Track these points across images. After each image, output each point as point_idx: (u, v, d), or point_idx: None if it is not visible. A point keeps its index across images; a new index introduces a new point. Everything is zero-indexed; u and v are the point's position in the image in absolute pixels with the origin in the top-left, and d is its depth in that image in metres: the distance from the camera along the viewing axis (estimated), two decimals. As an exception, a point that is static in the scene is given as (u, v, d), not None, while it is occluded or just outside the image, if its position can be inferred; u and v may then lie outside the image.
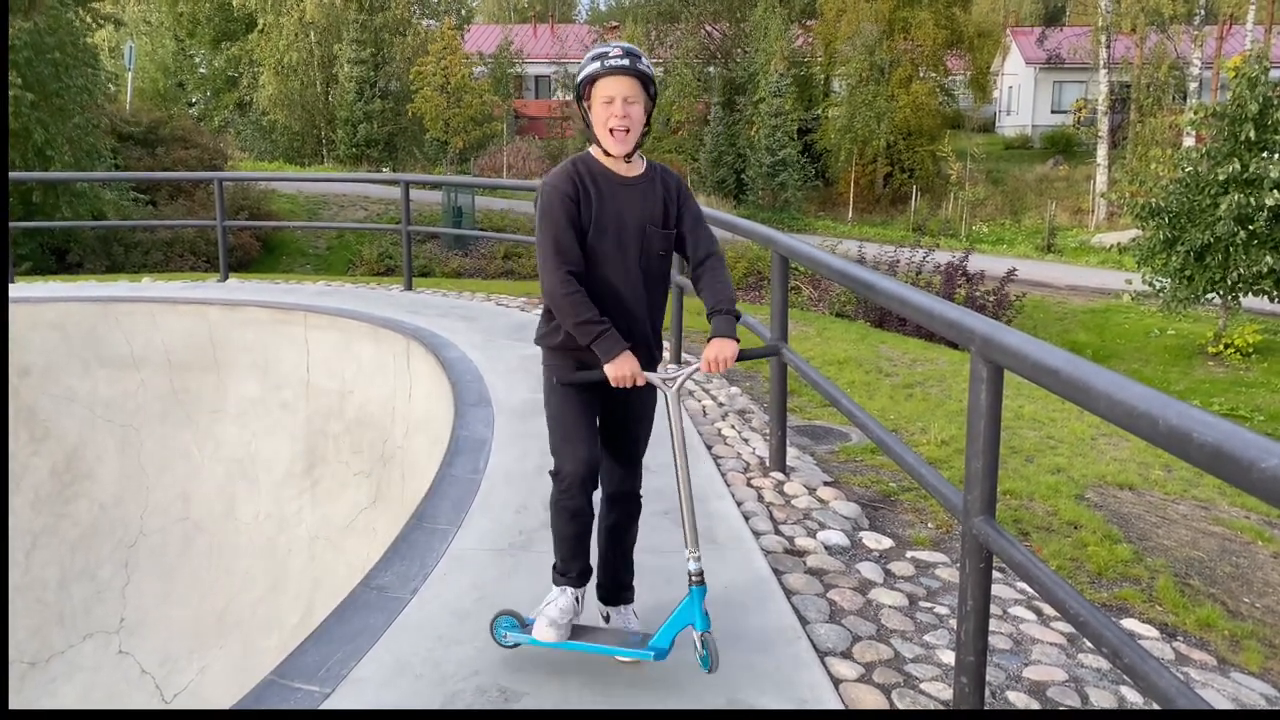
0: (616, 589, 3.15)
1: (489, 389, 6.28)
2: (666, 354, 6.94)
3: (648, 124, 2.83)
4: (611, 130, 2.75)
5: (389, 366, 7.70)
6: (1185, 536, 4.67)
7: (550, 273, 2.73)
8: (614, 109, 2.73)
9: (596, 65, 2.71)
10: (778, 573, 3.80)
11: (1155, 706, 2.77)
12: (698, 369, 2.81)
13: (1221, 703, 3.14)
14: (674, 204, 2.93)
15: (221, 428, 8.58)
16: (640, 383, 2.71)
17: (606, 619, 3.12)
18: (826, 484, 4.90)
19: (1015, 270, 15.89)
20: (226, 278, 11.15)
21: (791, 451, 5.35)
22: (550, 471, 2.90)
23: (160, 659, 7.69)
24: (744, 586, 3.64)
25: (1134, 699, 3.12)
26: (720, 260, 2.99)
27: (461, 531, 4.06)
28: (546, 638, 2.87)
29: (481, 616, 3.33)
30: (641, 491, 3.13)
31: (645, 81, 2.74)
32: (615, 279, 2.83)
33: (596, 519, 3.03)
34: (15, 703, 7.50)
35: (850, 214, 31.08)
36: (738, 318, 2.93)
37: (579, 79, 2.77)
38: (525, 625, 2.99)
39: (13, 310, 8.42)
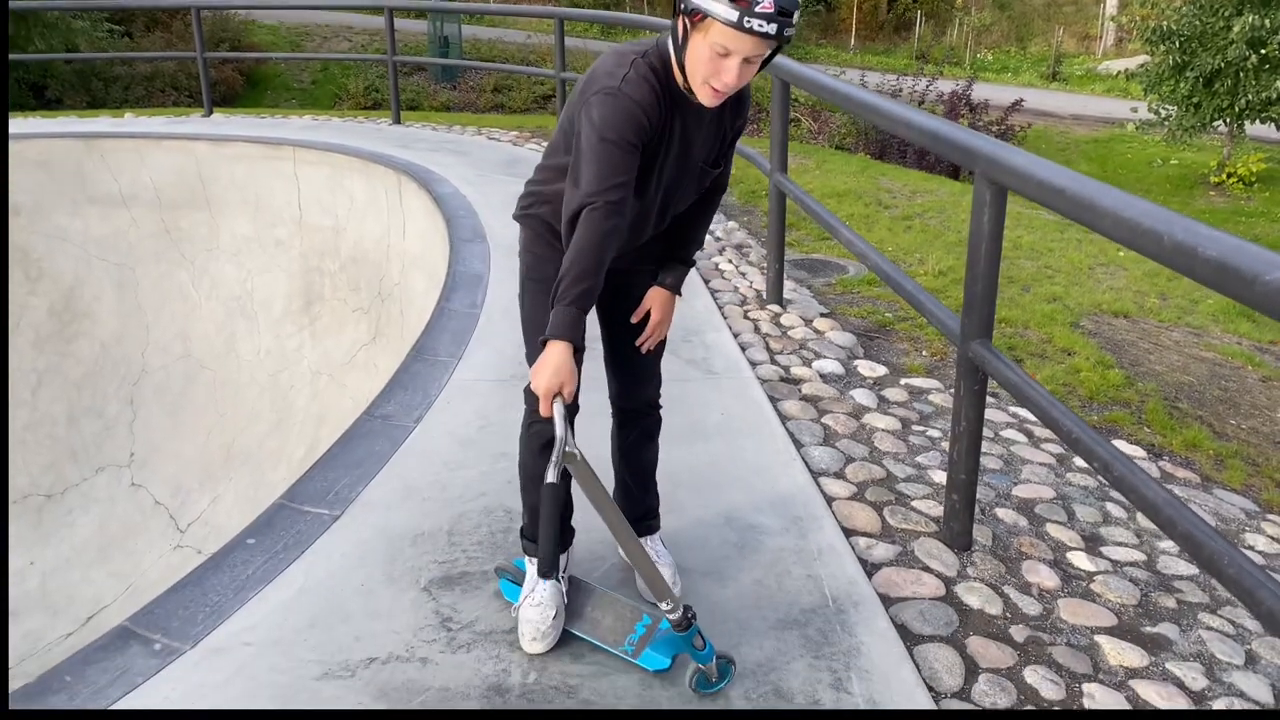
0: (638, 518, 2.65)
1: (483, 224, 6.22)
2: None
3: None
4: (713, 88, 2.00)
5: (381, 202, 7.59)
6: (1177, 362, 4.73)
7: (594, 198, 1.98)
8: (727, 67, 1.95)
9: (729, 12, 1.87)
10: (773, 400, 3.86)
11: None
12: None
13: (1201, 515, 3.26)
14: (732, 130, 2.29)
15: (217, 266, 8.54)
16: (556, 405, 1.97)
17: None
18: (823, 315, 4.92)
19: (1022, 100, 15.49)
20: (211, 112, 10.85)
21: (788, 284, 5.35)
22: (524, 389, 2.31)
23: (172, 490, 7.91)
24: (740, 413, 3.70)
25: (1118, 514, 3.23)
26: (720, 195, 2.45)
27: (462, 363, 4.10)
28: (534, 650, 2.35)
29: (486, 443, 3.40)
30: (662, 402, 2.63)
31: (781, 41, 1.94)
32: (640, 221, 2.25)
33: (610, 439, 2.64)
34: (34, 536, 7.76)
35: (853, 41, 30.07)
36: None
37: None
38: (520, 577, 2.54)
39: (-6, 147, 8.23)
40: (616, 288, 2.42)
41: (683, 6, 1.96)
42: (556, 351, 1.95)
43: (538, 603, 2.39)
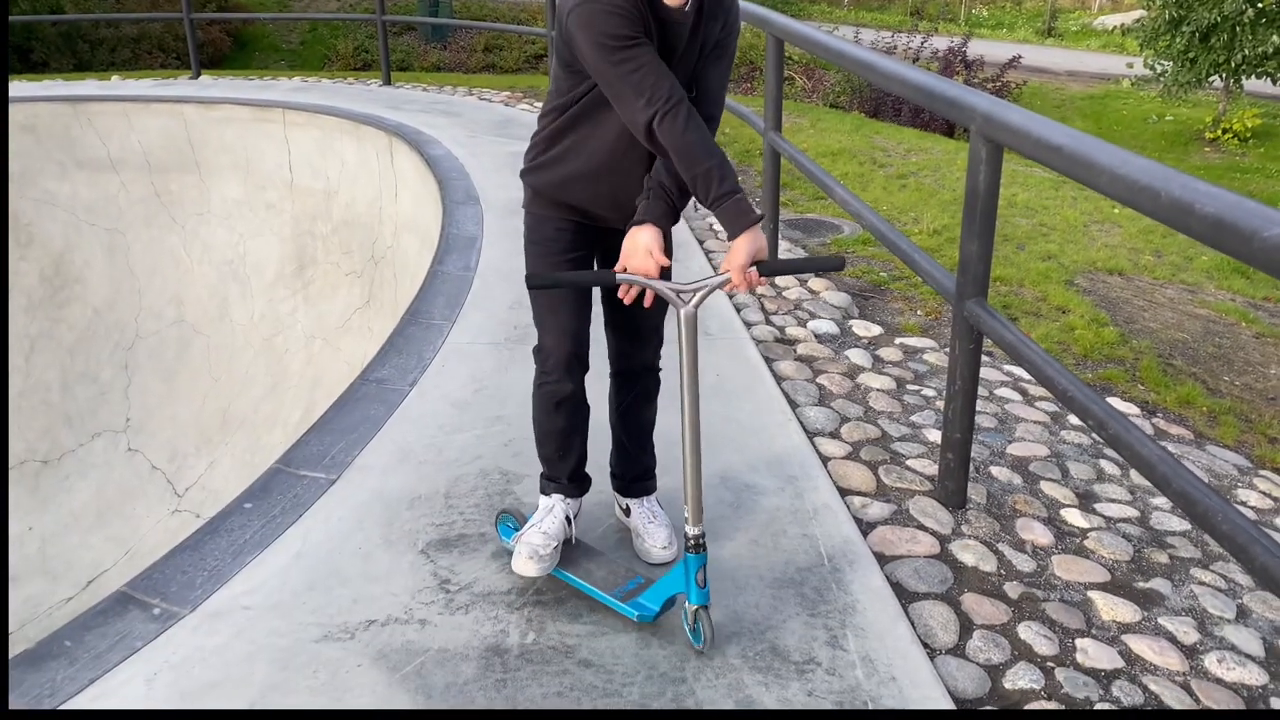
0: (634, 479, 2.63)
1: (476, 186, 6.18)
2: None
3: None
4: None
5: (373, 165, 7.54)
6: (1171, 319, 4.73)
7: (649, 109, 1.97)
8: None
9: None
10: (768, 360, 3.86)
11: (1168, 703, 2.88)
12: (726, 281, 2.09)
13: (1194, 471, 3.28)
14: (708, 43, 2.21)
15: (208, 230, 8.49)
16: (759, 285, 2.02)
17: (626, 511, 2.66)
18: (817, 274, 4.91)
19: (1020, 57, 15.37)
20: (199, 75, 10.73)
21: (783, 244, 5.34)
22: (534, 349, 2.41)
23: (169, 455, 7.92)
24: (735, 374, 3.70)
25: (1111, 471, 3.25)
26: (716, 126, 2.32)
27: (456, 326, 4.09)
28: (526, 571, 2.36)
29: (481, 407, 3.40)
30: (661, 365, 2.60)
31: None
32: (620, 142, 2.21)
33: (608, 400, 2.62)
34: (31, 501, 7.78)
35: (846, -2, 29.73)
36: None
37: None
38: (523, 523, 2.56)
39: (-20, 111, 8.13)
40: (612, 248, 2.40)
41: None
42: (753, 236, 2.07)
43: (544, 530, 2.43)
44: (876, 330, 4.28)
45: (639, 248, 2.14)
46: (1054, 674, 2.28)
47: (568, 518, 2.49)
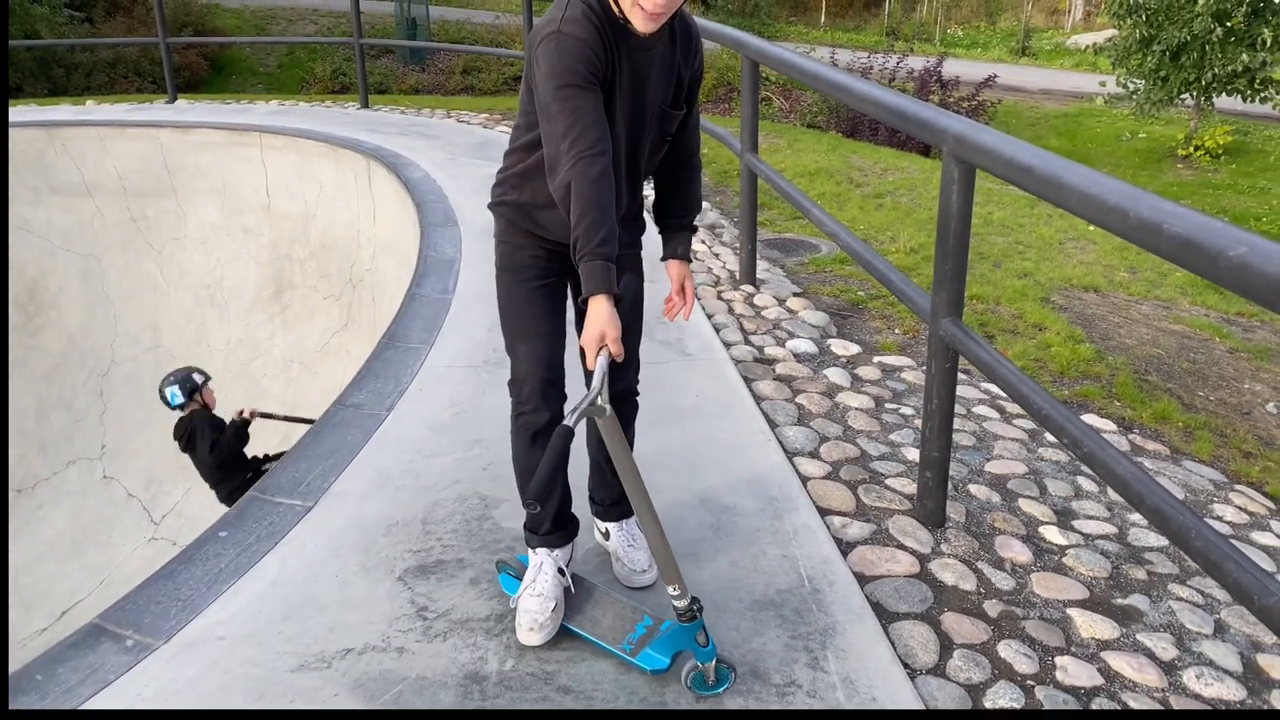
0: (613, 503, 2.61)
1: (454, 209, 6.17)
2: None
3: None
4: (643, 8, 2.00)
5: (351, 188, 7.52)
6: (1146, 335, 4.77)
7: (574, 149, 1.95)
8: None
9: None
10: (747, 380, 3.87)
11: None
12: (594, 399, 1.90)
13: (1170, 487, 3.29)
14: (688, 72, 2.24)
15: (185, 255, 8.44)
16: (601, 357, 1.94)
17: (606, 535, 2.65)
18: (796, 295, 4.93)
19: (995, 76, 15.54)
20: (175, 99, 10.69)
21: (761, 264, 5.35)
22: (508, 382, 2.35)
23: (145, 482, 7.83)
24: (714, 394, 3.70)
25: (1089, 488, 3.26)
26: (700, 170, 2.39)
27: (434, 350, 4.08)
28: (531, 642, 2.31)
29: (459, 431, 3.39)
30: (639, 388, 2.57)
31: None
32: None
33: (585, 429, 2.58)
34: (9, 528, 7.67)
35: (823, 19, 30.02)
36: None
37: None
38: (522, 573, 2.49)
39: (-47, 137, 8.07)
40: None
41: None
42: (598, 306, 1.92)
43: (538, 593, 2.34)
44: (855, 349, 4.29)
45: (591, 322, 1.95)
46: (1034, 692, 2.28)
47: (560, 570, 2.41)
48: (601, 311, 1.92)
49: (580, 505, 2.67)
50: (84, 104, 10.94)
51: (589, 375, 2.26)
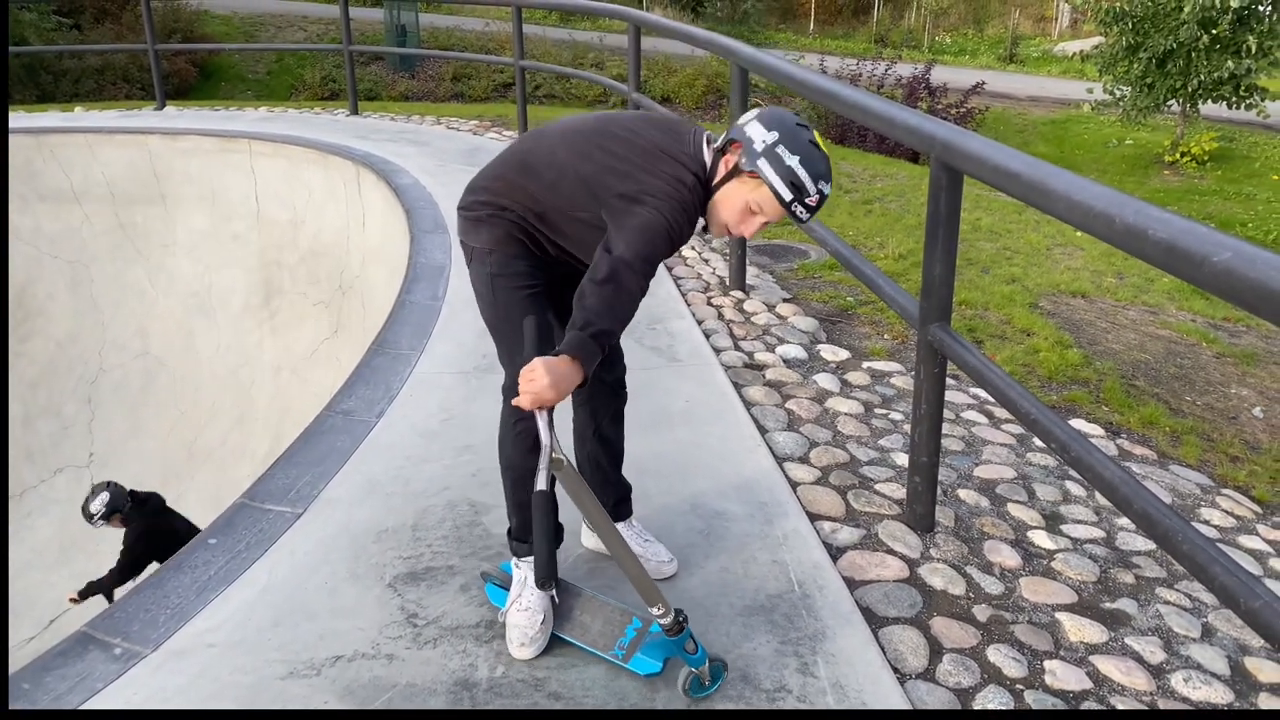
0: (618, 502, 2.66)
1: (444, 215, 6.17)
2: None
3: None
4: (729, 231, 2.17)
5: (340, 194, 7.51)
6: (1133, 340, 4.80)
7: (642, 278, 2.03)
8: (751, 223, 2.14)
9: (785, 191, 2.05)
10: (737, 386, 3.87)
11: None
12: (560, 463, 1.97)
13: (1158, 491, 3.31)
14: None
15: (174, 262, 8.41)
16: (541, 415, 1.97)
17: None
18: (785, 300, 4.94)
19: (983, 83, 15.61)
20: (164, 105, 10.67)
21: (751, 270, 5.37)
22: (503, 388, 2.36)
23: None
24: (704, 400, 3.71)
25: (1077, 492, 3.28)
26: None
27: (424, 356, 4.07)
28: (523, 656, 2.32)
29: (449, 437, 3.38)
30: (626, 378, 2.60)
31: None
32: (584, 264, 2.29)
33: (574, 437, 2.61)
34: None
35: (811, 26, 30.12)
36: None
37: (757, 151, 2.06)
38: (507, 583, 2.49)
39: (-60, 144, 8.04)
40: (560, 276, 2.39)
41: (741, 161, 2.07)
42: (571, 369, 1.92)
43: (525, 607, 2.34)
44: (844, 354, 4.30)
45: (555, 374, 1.91)
46: (1023, 696, 2.29)
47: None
48: (572, 377, 1.93)
49: (567, 514, 2.67)
50: (72, 110, 10.90)
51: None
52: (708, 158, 2.16)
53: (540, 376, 1.90)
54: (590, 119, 2.26)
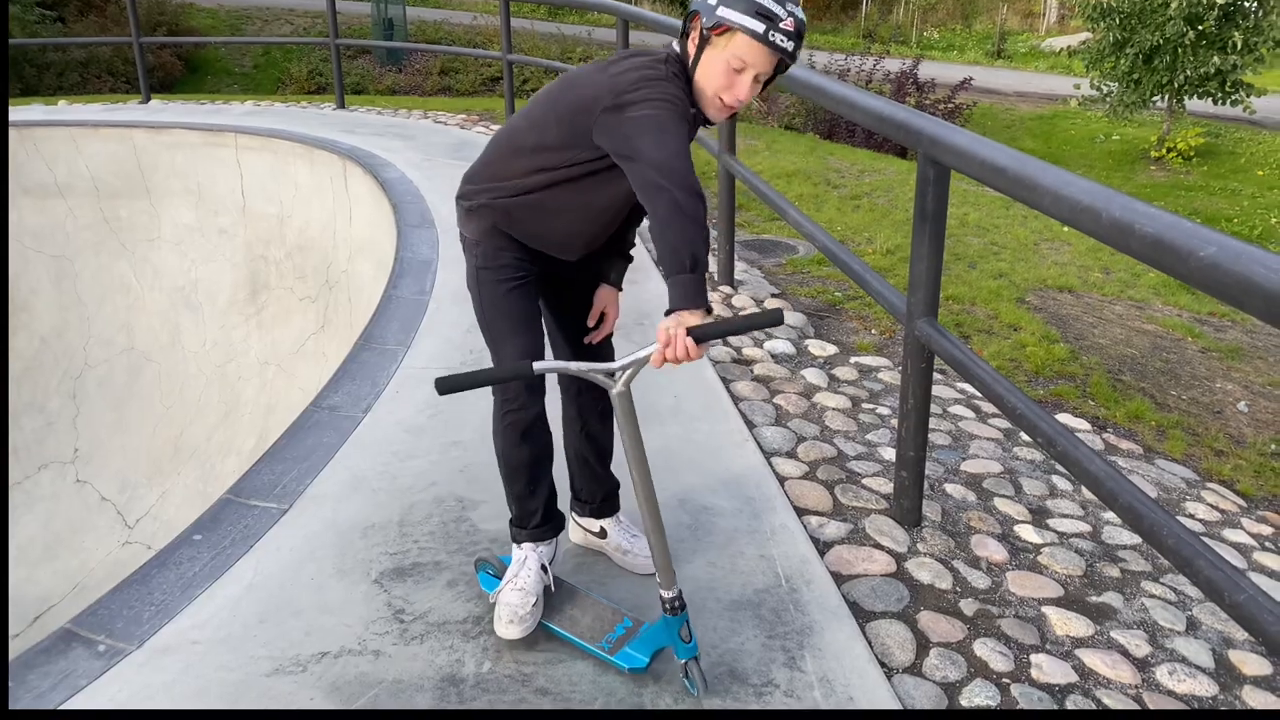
0: (605, 498, 2.65)
1: (431, 209, 6.15)
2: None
3: None
4: (722, 101, 2.09)
5: (326, 189, 7.48)
6: (1120, 335, 4.81)
7: (682, 164, 1.94)
8: (740, 83, 2.06)
9: (756, 24, 1.98)
10: (726, 381, 3.87)
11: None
12: (648, 358, 1.97)
13: (1143, 485, 3.33)
14: None
15: (159, 256, 8.36)
16: (694, 355, 1.89)
17: (601, 534, 2.67)
18: (774, 295, 4.94)
19: (971, 78, 15.64)
20: (149, 99, 10.60)
21: (739, 265, 5.37)
22: None
23: (119, 486, 7.75)
24: (692, 395, 3.71)
25: (1064, 486, 3.29)
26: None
27: (411, 351, 4.06)
28: (508, 635, 2.31)
29: (436, 432, 3.37)
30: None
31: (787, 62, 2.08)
32: (605, 214, 2.26)
33: (564, 431, 2.60)
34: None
35: (799, 21, 30.12)
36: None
37: (713, 5, 2.02)
38: (503, 573, 2.49)
39: (-79, 137, 7.97)
40: (568, 280, 2.44)
41: (704, 22, 2.04)
42: (694, 316, 1.88)
43: (520, 587, 2.36)
44: (832, 349, 4.31)
45: (681, 335, 1.88)
46: (1009, 690, 2.29)
47: (543, 566, 2.41)
48: (690, 327, 1.87)
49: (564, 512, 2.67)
50: (56, 104, 10.82)
51: (576, 355, 2.44)
52: (678, 49, 2.14)
53: (678, 342, 1.87)
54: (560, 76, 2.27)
